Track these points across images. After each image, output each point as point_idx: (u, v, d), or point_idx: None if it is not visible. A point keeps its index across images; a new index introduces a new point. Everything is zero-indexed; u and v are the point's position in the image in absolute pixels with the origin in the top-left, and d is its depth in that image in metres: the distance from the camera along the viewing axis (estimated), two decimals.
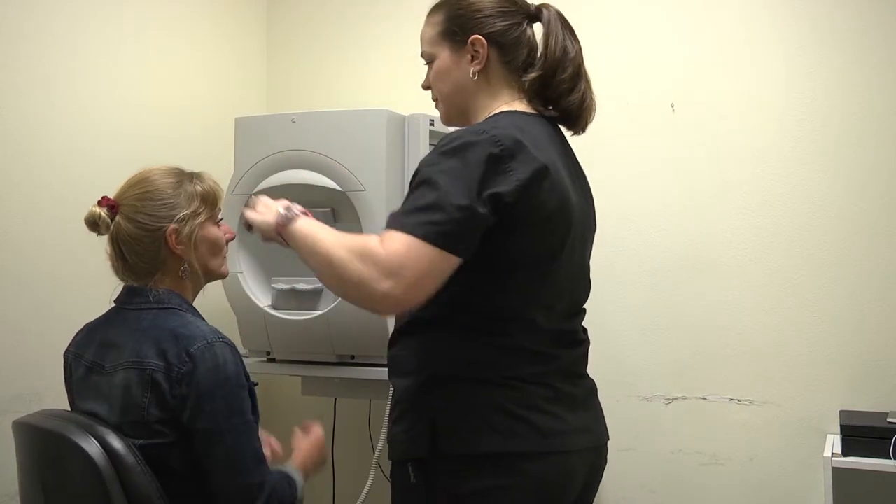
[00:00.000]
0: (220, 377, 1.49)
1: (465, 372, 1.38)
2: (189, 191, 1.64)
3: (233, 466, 1.49)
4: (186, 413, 1.48)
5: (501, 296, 1.39)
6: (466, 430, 1.35)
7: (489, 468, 1.34)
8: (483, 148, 1.33)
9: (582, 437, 1.45)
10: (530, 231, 1.37)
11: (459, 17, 1.50)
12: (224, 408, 1.49)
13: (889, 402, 2.21)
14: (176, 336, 1.51)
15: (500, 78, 1.51)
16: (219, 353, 1.51)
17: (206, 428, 1.48)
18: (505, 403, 1.36)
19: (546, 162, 1.37)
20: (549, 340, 1.43)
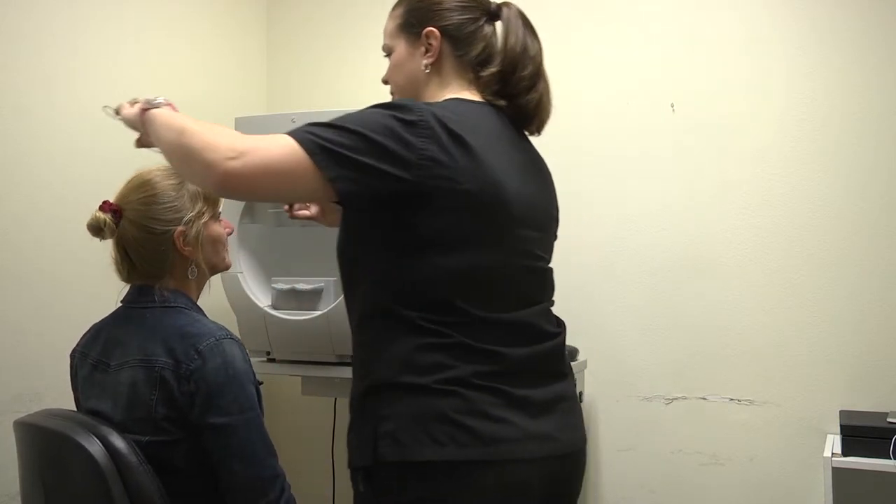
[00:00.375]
0: (229, 373, 1.50)
1: (405, 377, 1.32)
2: (191, 191, 1.64)
3: (246, 460, 1.49)
4: (196, 409, 1.48)
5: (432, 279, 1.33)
6: (406, 437, 1.29)
7: (429, 477, 1.29)
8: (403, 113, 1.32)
9: (538, 444, 1.35)
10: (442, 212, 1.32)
11: (417, 10, 1.51)
12: (235, 403, 1.49)
13: (889, 402, 2.21)
14: (184, 334, 1.52)
15: (452, 71, 1.50)
16: (227, 349, 1.52)
17: (217, 423, 1.48)
18: (445, 410, 1.29)
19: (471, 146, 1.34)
20: (495, 336, 1.35)
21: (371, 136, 1.29)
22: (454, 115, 1.36)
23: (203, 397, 1.48)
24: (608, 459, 2.54)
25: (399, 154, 1.28)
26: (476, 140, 1.35)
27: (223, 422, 1.48)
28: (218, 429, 1.48)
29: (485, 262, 1.36)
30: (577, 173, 2.57)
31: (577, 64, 2.60)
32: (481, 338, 1.34)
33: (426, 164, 1.29)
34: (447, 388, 1.30)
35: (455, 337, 1.32)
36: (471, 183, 1.33)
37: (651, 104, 2.50)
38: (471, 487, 1.29)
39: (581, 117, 2.58)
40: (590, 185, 2.56)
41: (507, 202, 1.38)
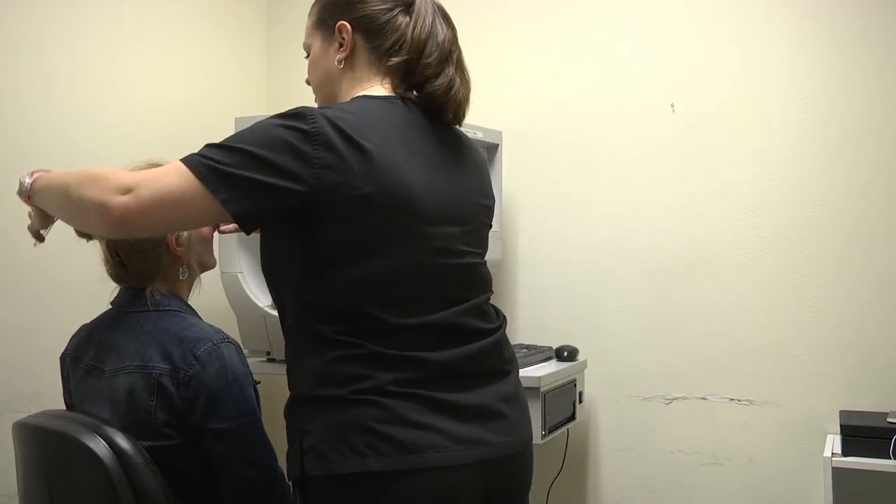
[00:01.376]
0: (228, 378, 1.50)
1: (321, 390, 1.28)
2: None
3: (246, 463, 1.50)
4: (197, 415, 1.48)
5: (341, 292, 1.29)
6: (327, 450, 1.25)
7: (353, 490, 1.25)
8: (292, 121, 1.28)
9: (467, 449, 1.29)
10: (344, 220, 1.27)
11: (330, 5, 1.46)
12: (234, 407, 1.50)
13: (889, 402, 2.21)
14: (181, 339, 1.51)
15: (365, 64, 1.44)
16: (225, 353, 1.51)
17: (218, 428, 1.48)
18: (363, 419, 1.25)
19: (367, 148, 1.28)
20: (412, 341, 1.29)
21: (261, 152, 1.25)
22: (352, 115, 1.31)
23: (203, 402, 1.48)
24: (608, 459, 2.54)
25: (291, 167, 1.24)
26: (374, 140, 1.30)
27: (223, 426, 1.48)
28: (218, 433, 1.48)
29: (394, 267, 1.30)
30: (578, 173, 2.58)
31: (577, 64, 2.60)
32: (399, 345, 1.28)
33: (321, 173, 1.25)
34: (364, 398, 1.26)
35: (368, 347, 1.27)
36: (370, 186, 1.27)
37: (651, 104, 2.50)
38: (398, 496, 1.25)
39: (581, 117, 2.58)
40: (590, 185, 2.56)
41: (413, 201, 1.31)
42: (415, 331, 1.30)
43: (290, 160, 1.24)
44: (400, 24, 1.42)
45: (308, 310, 1.31)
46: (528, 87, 2.65)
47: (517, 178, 2.60)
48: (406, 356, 1.28)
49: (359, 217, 1.27)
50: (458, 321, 1.35)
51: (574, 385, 2.35)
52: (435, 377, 1.29)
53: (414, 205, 1.31)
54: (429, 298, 1.33)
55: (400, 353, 1.28)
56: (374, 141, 1.29)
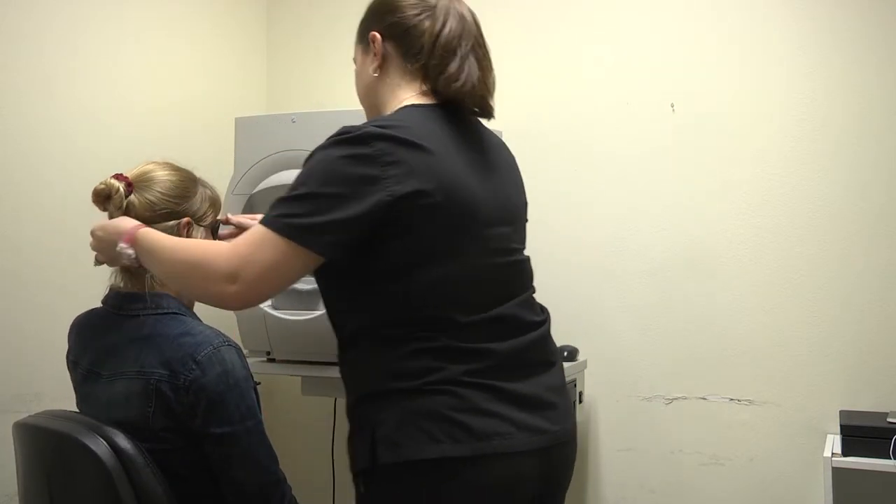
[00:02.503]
0: (229, 381, 1.48)
1: (395, 384, 1.34)
2: (202, 193, 1.65)
3: (248, 468, 1.49)
4: (198, 420, 1.47)
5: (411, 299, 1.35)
6: (402, 438, 1.31)
7: (427, 475, 1.31)
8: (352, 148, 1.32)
9: (530, 437, 1.37)
10: (418, 228, 1.34)
11: (366, 19, 1.52)
12: (236, 411, 1.48)
13: (889, 402, 2.22)
14: (180, 343, 1.49)
15: (397, 71, 1.48)
16: (226, 357, 1.49)
17: (220, 433, 1.47)
18: (439, 408, 1.31)
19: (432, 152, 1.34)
20: (482, 333, 1.37)
21: (334, 190, 1.30)
22: (405, 125, 1.35)
23: (204, 408, 1.46)
24: (608, 459, 2.54)
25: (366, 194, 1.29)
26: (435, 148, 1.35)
27: (225, 431, 1.47)
28: (220, 438, 1.47)
29: (460, 269, 1.37)
30: (578, 173, 2.58)
31: (576, 64, 2.60)
32: (467, 338, 1.35)
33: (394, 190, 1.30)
34: (439, 388, 1.32)
35: (439, 341, 1.34)
36: (439, 195, 1.33)
37: (651, 104, 2.50)
38: (467, 482, 1.31)
39: (581, 117, 2.58)
40: (590, 184, 2.56)
41: (475, 206, 1.39)
42: (480, 325, 1.37)
43: (362, 188, 1.29)
44: (425, 28, 1.45)
45: (378, 314, 1.36)
46: (528, 87, 2.65)
47: None
48: (474, 348, 1.35)
49: (429, 226, 1.33)
50: (513, 314, 1.43)
51: (574, 385, 2.35)
52: (498, 367, 1.36)
53: (476, 210, 1.39)
54: (489, 295, 1.41)
55: (469, 345, 1.35)
56: (435, 149, 1.35)
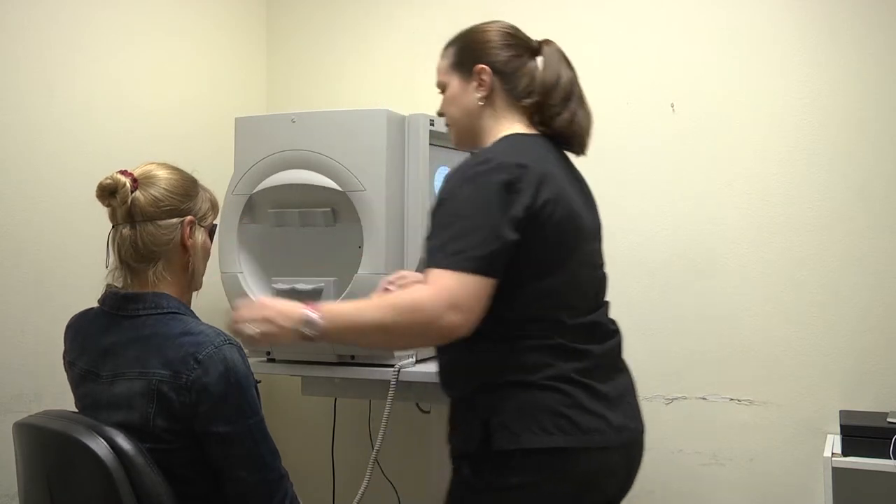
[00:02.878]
0: (231, 381, 1.48)
1: (514, 376, 1.50)
2: (203, 194, 1.66)
3: (253, 465, 1.49)
4: (200, 419, 1.46)
5: (529, 301, 1.51)
6: (516, 427, 1.47)
7: (534, 462, 1.47)
8: (493, 176, 1.48)
9: (619, 434, 1.55)
10: (544, 240, 1.51)
11: (468, 49, 1.69)
12: (238, 410, 1.48)
13: (889, 402, 2.22)
14: (181, 342, 1.49)
15: (503, 103, 1.67)
16: (228, 356, 1.49)
17: (223, 431, 1.47)
18: (551, 404, 1.48)
19: (547, 177, 1.52)
20: (583, 335, 1.55)
21: (490, 220, 1.46)
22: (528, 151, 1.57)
23: (206, 407, 1.46)
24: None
25: (515, 215, 1.47)
26: (549, 171, 1.55)
27: (227, 430, 1.47)
28: (222, 437, 1.47)
29: (570, 277, 1.56)
30: None
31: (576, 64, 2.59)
32: (574, 339, 1.53)
33: (532, 210, 1.48)
34: (551, 384, 1.49)
35: (552, 340, 1.51)
36: (559, 214, 1.52)
37: (651, 104, 2.50)
38: (571, 471, 1.49)
39: None
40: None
41: (582, 224, 1.60)
42: (581, 328, 1.56)
43: (511, 210, 1.47)
44: (530, 68, 1.68)
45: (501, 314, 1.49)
46: None
47: None
48: (580, 348, 1.53)
49: (550, 240, 1.52)
50: (602, 321, 1.64)
51: None
52: (595, 368, 1.55)
53: (582, 228, 1.60)
54: (587, 302, 1.61)
55: (575, 345, 1.53)
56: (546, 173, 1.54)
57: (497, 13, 2.71)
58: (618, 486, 1.60)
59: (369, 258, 2.11)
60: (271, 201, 2.25)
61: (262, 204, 2.27)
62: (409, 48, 2.82)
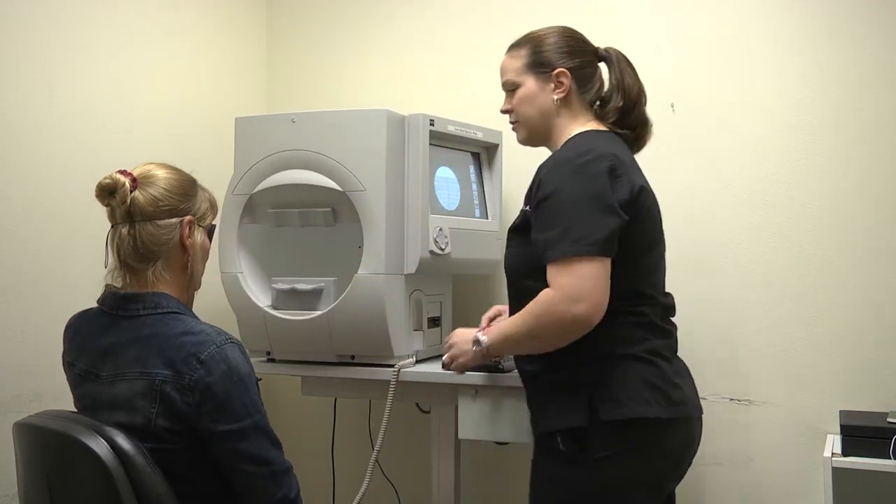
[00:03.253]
0: (233, 379, 1.49)
1: (617, 349, 1.66)
2: (202, 194, 1.67)
3: (257, 461, 1.51)
4: (204, 419, 1.47)
5: (628, 279, 1.67)
6: (622, 398, 1.63)
7: (640, 431, 1.63)
8: (599, 164, 1.65)
9: (695, 406, 1.76)
10: (641, 222, 1.69)
11: (545, 53, 1.84)
12: (242, 407, 1.49)
13: (889, 402, 2.21)
14: (182, 342, 1.49)
15: (577, 104, 1.83)
16: (230, 355, 1.50)
17: (227, 430, 1.48)
18: (647, 376, 1.66)
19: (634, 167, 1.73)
20: (662, 313, 1.76)
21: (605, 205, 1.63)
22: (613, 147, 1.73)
23: (210, 407, 1.47)
24: None
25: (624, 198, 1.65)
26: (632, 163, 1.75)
27: (232, 428, 1.48)
28: (227, 435, 1.48)
29: (657, 258, 1.79)
30: None
31: None
32: (661, 316, 1.75)
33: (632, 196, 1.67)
34: (648, 358, 1.68)
35: (648, 316, 1.71)
36: (650, 199, 1.74)
37: (651, 104, 2.48)
38: (666, 439, 1.69)
39: None
40: None
41: (658, 209, 1.80)
42: (664, 307, 1.78)
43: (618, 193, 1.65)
44: (599, 73, 1.87)
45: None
46: None
47: (517, 178, 2.57)
48: (665, 327, 1.75)
49: (644, 224, 1.71)
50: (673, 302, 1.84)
51: None
52: (673, 344, 1.77)
53: (659, 213, 1.81)
54: (664, 282, 1.82)
55: (661, 323, 1.74)
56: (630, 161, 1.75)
57: (497, 14, 2.72)
58: (691, 456, 1.79)
59: (369, 258, 2.11)
60: (271, 201, 2.25)
61: (262, 204, 2.27)
62: (409, 48, 2.82)
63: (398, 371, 2.12)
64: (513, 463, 2.63)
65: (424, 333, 2.27)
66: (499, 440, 2.18)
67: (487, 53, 2.71)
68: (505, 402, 2.02)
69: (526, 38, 1.88)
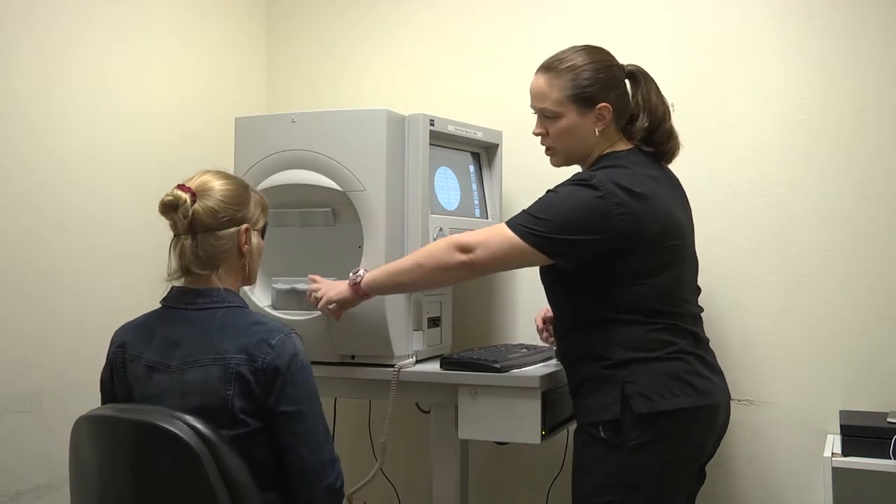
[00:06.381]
0: (298, 365, 1.62)
1: (641, 354, 1.79)
2: (254, 198, 1.77)
3: (312, 445, 1.62)
4: (272, 397, 1.59)
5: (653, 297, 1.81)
6: (653, 394, 1.76)
7: (665, 422, 1.76)
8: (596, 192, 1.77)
9: (723, 393, 1.89)
10: (642, 252, 1.80)
11: (588, 88, 1.88)
12: (304, 392, 1.62)
13: (889, 402, 2.22)
14: (254, 331, 1.63)
15: (612, 129, 1.91)
16: (296, 343, 1.65)
17: (290, 410, 1.60)
18: (675, 371, 1.79)
19: (646, 196, 1.79)
20: (692, 321, 1.90)
21: (573, 219, 1.78)
22: (625, 170, 1.82)
23: (278, 386, 1.59)
24: None
25: (597, 224, 1.77)
26: (647, 187, 1.81)
27: (295, 409, 1.60)
28: (290, 416, 1.60)
29: (678, 275, 1.88)
30: None
31: None
32: (685, 321, 1.86)
33: (620, 226, 1.76)
34: (677, 356, 1.81)
35: (670, 322, 1.82)
36: (656, 225, 1.80)
37: None
38: (693, 426, 1.82)
39: None
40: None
41: (682, 229, 1.90)
42: (690, 315, 1.90)
43: (595, 219, 1.77)
44: (630, 95, 1.94)
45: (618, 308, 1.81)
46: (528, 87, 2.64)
47: (517, 178, 2.60)
48: (691, 330, 1.87)
49: (653, 249, 1.81)
50: (698, 306, 1.98)
51: None
52: (700, 342, 1.89)
53: (683, 232, 1.90)
54: (692, 291, 1.96)
55: (687, 327, 1.86)
56: (645, 185, 1.81)
57: (497, 12, 2.72)
58: (718, 435, 1.93)
59: (369, 258, 2.11)
60: (271, 201, 2.22)
61: None
62: (409, 48, 2.82)
63: (398, 371, 2.12)
64: (513, 463, 2.63)
65: (424, 333, 2.27)
66: (499, 440, 2.18)
67: (487, 53, 2.72)
68: (505, 402, 2.02)
69: (565, 67, 1.90)
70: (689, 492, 1.92)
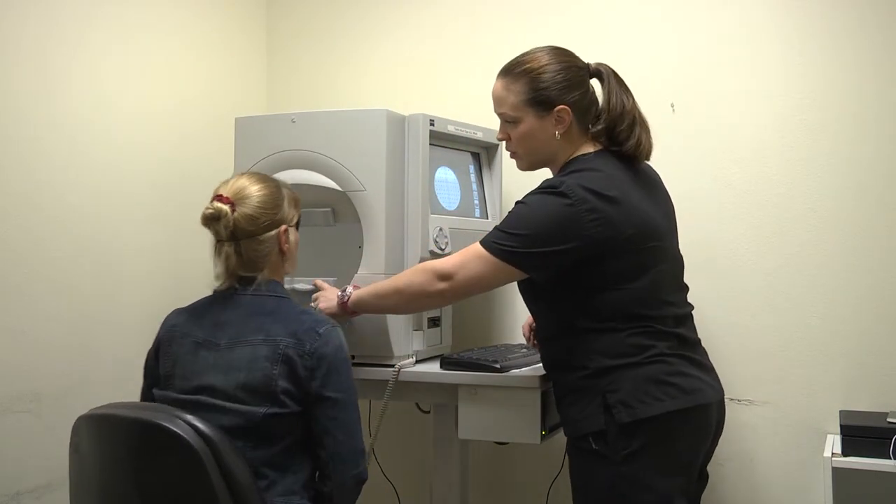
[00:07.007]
0: (341, 355, 1.73)
1: (621, 360, 1.74)
2: (287, 196, 1.84)
3: (348, 432, 1.71)
4: (317, 382, 1.68)
5: (628, 303, 1.76)
6: (633, 402, 1.71)
7: (654, 426, 1.71)
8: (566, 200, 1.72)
9: (713, 392, 1.83)
10: (617, 258, 1.75)
11: (544, 91, 1.83)
12: (346, 380, 1.72)
13: (889, 402, 2.22)
14: (303, 319, 1.73)
15: (576, 132, 1.86)
16: (340, 334, 1.75)
17: (333, 396, 1.69)
18: (657, 375, 1.74)
19: (618, 199, 1.74)
20: (674, 322, 1.82)
21: (544, 230, 1.74)
22: (596, 174, 1.78)
23: (324, 372, 1.68)
24: None
25: (567, 235, 1.72)
26: (619, 190, 1.76)
27: (337, 396, 1.69)
28: (333, 401, 1.68)
29: (657, 278, 1.80)
30: None
31: None
32: (665, 323, 1.79)
33: (592, 233, 1.72)
34: (658, 359, 1.75)
35: (652, 327, 1.77)
36: (630, 228, 1.75)
37: (651, 104, 2.48)
38: (681, 428, 1.76)
39: None
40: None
41: (657, 229, 1.83)
42: (670, 316, 1.82)
43: (564, 229, 1.73)
44: (593, 95, 1.88)
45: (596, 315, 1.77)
46: None
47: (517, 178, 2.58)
48: (673, 332, 1.80)
49: (628, 253, 1.76)
50: (687, 306, 1.91)
51: None
52: (685, 343, 1.82)
53: (659, 232, 1.84)
54: (675, 292, 1.89)
55: (667, 329, 1.79)
56: (616, 188, 1.76)
57: (496, 15, 2.72)
58: (712, 435, 1.86)
59: (369, 258, 2.11)
60: None
61: None
62: (409, 48, 2.82)
63: (398, 371, 2.12)
64: (512, 463, 2.63)
65: (424, 333, 2.27)
66: (499, 440, 2.18)
67: (487, 53, 2.71)
68: (505, 402, 2.02)
69: (521, 70, 1.86)
70: (690, 495, 1.85)
